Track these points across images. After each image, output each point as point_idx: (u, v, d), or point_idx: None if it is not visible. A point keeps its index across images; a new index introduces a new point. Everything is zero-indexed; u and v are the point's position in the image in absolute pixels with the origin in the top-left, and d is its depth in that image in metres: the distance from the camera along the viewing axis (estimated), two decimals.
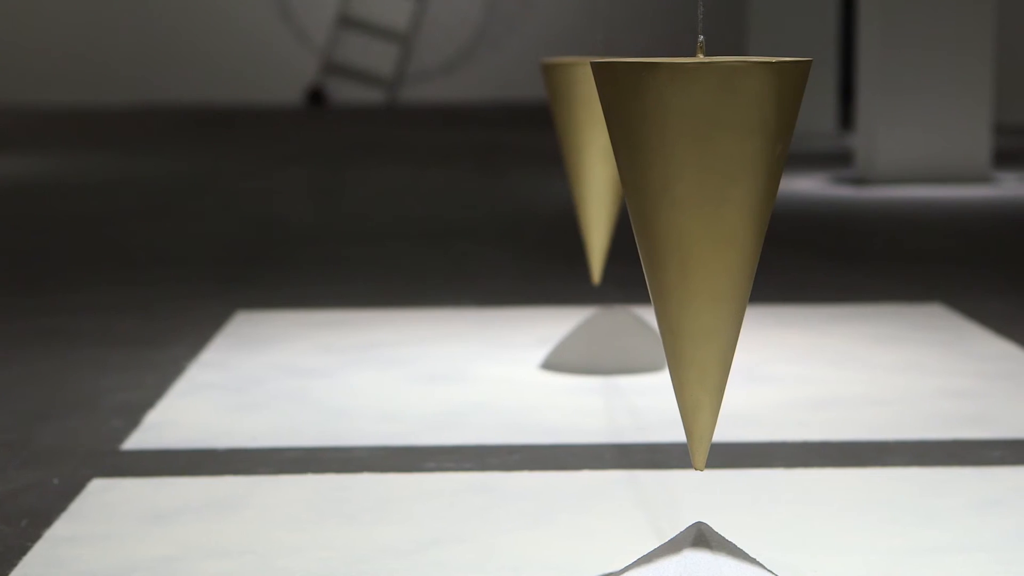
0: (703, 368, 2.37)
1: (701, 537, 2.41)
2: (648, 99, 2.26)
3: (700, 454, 2.42)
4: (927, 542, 2.79)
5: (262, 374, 4.19)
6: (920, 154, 8.98)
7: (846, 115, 13.58)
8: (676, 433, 3.55)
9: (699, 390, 2.38)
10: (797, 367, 4.23)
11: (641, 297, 5.06)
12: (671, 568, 2.38)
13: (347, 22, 18.51)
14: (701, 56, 2.34)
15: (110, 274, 6.05)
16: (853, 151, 10.03)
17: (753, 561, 2.42)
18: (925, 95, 8.97)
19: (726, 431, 3.57)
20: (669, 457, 3.37)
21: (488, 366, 4.27)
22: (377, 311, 5.14)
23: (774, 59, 2.25)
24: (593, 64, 2.34)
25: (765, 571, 2.41)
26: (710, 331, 2.35)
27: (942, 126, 8.98)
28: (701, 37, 2.38)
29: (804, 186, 8.98)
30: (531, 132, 13.48)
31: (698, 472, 2.49)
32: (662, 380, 4.07)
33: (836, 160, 10.39)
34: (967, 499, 3.05)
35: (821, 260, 6.27)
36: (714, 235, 2.30)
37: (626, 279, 5.45)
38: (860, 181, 9.07)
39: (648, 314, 4.71)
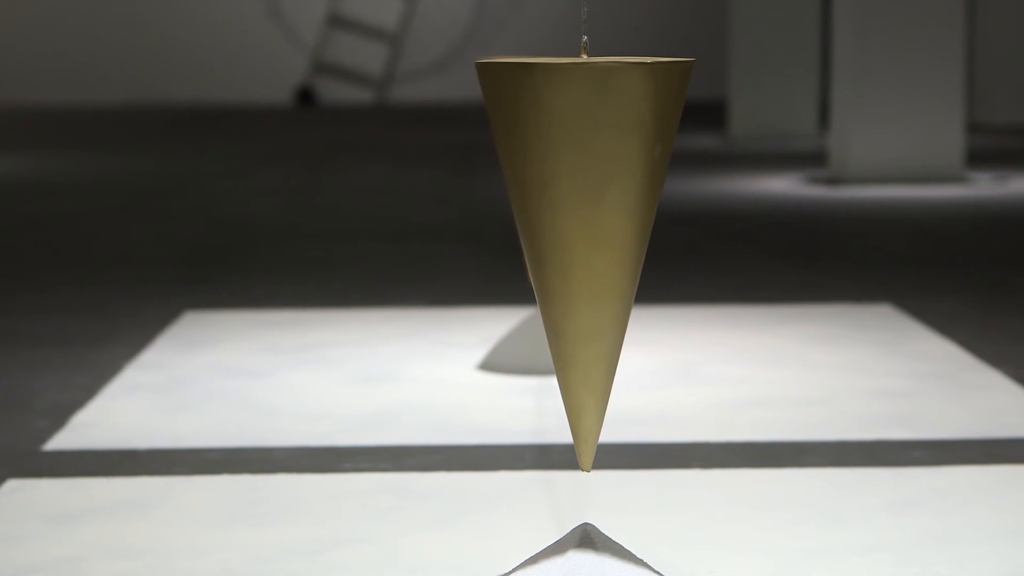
0: (587, 370, 2.36)
1: (587, 538, 2.41)
2: (524, 99, 2.25)
3: (586, 455, 2.42)
4: (832, 543, 2.79)
5: (198, 375, 4.19)
6: (893, 154, 8.98)
7: (827, 115, 13.56)
8: (602, 434, 3.53)
9: (583, 392, 2.38)
10: (734, 367, 4.23)
11: None
12: (555, 569, 2.38)
13: (337, 22, 18.51)
14: (584, 56, 2.34)
15: (69, 274, 6.05)
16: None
17: (639, 562, 2.41)
18: (898, 95, 8.97)
19: (649, 432, 3.57)
20: None
21: (426, 367, 4.27)
22: (327, 311, 5.14)
23: (650, 59, 2.24)
24: (476, 64, 2.34)
25: (651, 572, 2.41)
26: (592, 332, 2.34)
27: (915, 126, 8.97)
28: (584, 38, 2.38)
29: (777, 186, 8.98)
30: None
31: (585, 473, 2.48)
32: None
33: (813, 160, 10.38)
34: (880, 500, 3.04)
35: (778, 260, 6.27)
36: (593, 236, 2.29)
37: None
38: (833, 181, 9.07)
39: None
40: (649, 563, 2.63)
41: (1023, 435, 3.53)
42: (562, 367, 2.38)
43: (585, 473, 2.45)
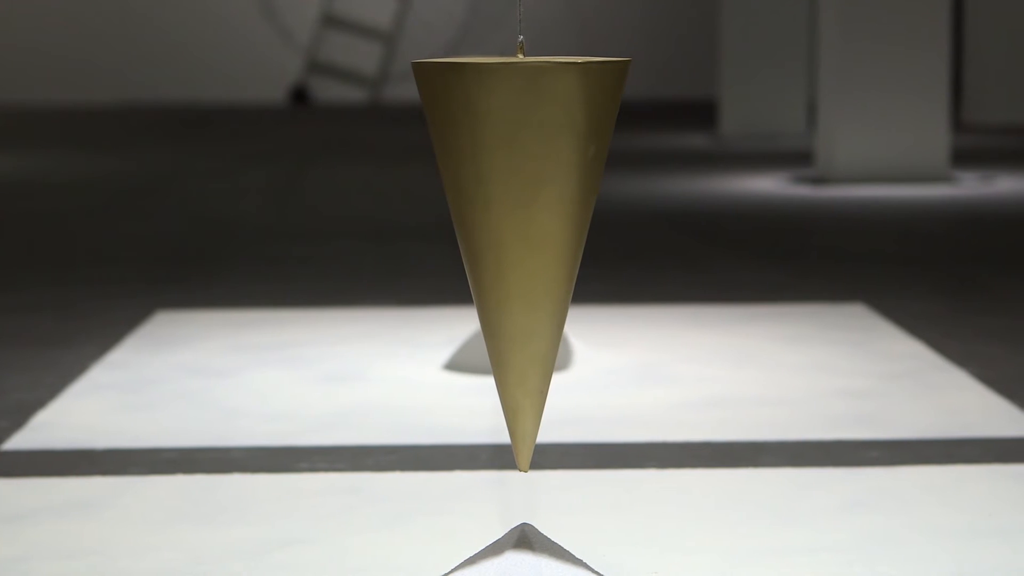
0: (522, 371, 2.36)
1: (524, 538, 2.41)
2: (457, 99, 2.25)
3: (523, 456, 2.42)
4: (779, 543, 2.78)
5: (163, 374, 4.18)
6: (879, 154, 8.98)
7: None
8: (557, 433, 3.54)
9: (519, 393, 2.37)
10: (699, 367, 4.22)
11: None
12: (491, 570, 2.37)
13: (331, 21, 18.51)
14: (521, 56, 2.34)
15: (45, 273, 6.05)
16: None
17: (577, 562, 2.41)
18: (884, 95, 8.96)
19: (607, 432, 3.57)
20: (544, 458, 3.36)
21: (392, 366, 4.27)
22: (299, 311, 5.14)
23: (581, 59, 2.24)
24: (412, 64, 2.34)
25: (588, 571, 2.41)
26: (528, 333, 2.34)
27: (901, 126, 8.97)
28: (521, 37, 2.38)
29: (763, 185, 8.97)
30: None
31: (523, 473, 2.48)
32: (564, 380, 4.06)
33: (801, 159, 10.37)
34: (832, 500, 3.04)
35: (756, 259, 6.26)
36: (527, 236, 2.29)
37: None
38: (819, 180, 9.06)
39: None
40: (592, 563, 2.64)
41: (981, 435, 3.52)
42: (498, 368, 2.38)
43: (523, 473, 2.45)
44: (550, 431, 3.57)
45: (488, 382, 4.05)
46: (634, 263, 6.21)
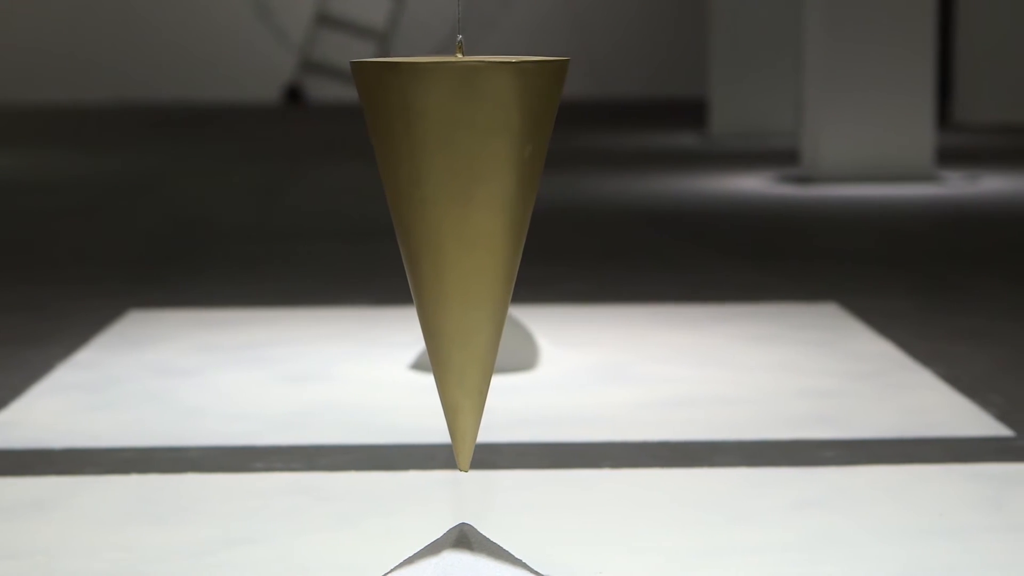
0: (461, 370, 2.36)
1: (463, 538, 2.40)
2: (393, 99, 2.25)
3: (463, 455, 2.42)
4: (727, 542, 2.78)
5: (129, 374, 4.18)
6: (864, 153, 8.97)
7: None
8: (515, 433, 3.54)
9: (458, 392, 2.37)
10: (665, 367, 4.22)
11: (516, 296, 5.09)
12: (429, 569, 2.37)
13: (325, 20, 18.51)
14: (459, 55, 2.34)
15: (21, 272, 6.05)
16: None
17: (515, 561, 2.41)
18: (869, 93, 8.95)
19: (567, 432, 3.56)
20: (501, 457, 3.36)
21: (358, 366, 4.26)
22: (271, 310, 5.13)
23: (516, 59, 2.24)
24: (351, 64, 2.33)
25: (527, 571, 2.40)
26: (466, 333, 2.34)
27: (886, 125, 8.96)
28: (460, 36, 2.37)
29: (748, 184, 8.97)
30: None
31: (463, 472, 2.49)
32: (528, 380, 4.06)
33: (789, 159, 10.36)
34: (784, 499, 3.04)
35: (736, 259, 6.26)
36: (464, 236, 2.29)
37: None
38: (805, 180, 9.06)
39: (518, 312, 4.72)
40: (538, 562, 2.64)
41: (940, 434, 3.52)
42: (437, 367, 2.37)
43: (464, 473, 2.45)
44: (508, 431, 3.57)
45: None
46: (613, 263, 6.21)
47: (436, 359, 2.37)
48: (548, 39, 18.05)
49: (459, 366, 2.36)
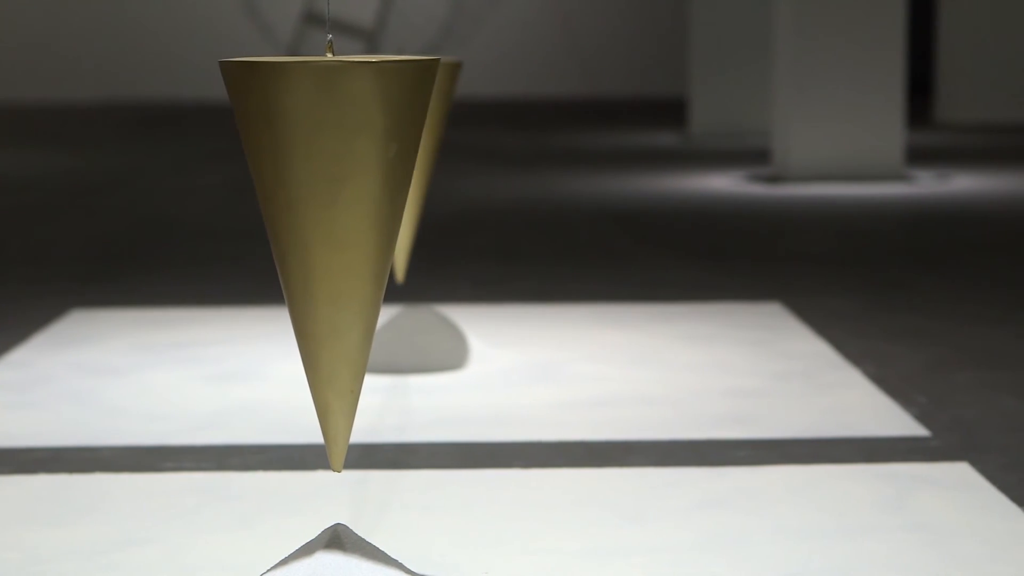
0: (331, 371, 2.36)
1: (336, 539, 2.40)
2: (256, 98, 2.25)
3: (336, 456, 2.41)
4: (622, 543, 2.78)
5: (57, 373, 4.18)
6: (834, 152, 8.96)
7: None
8: (431, 433, 3.53)
9: (328, 393, 2.37)
10: (596, 367, 4.21)
11: (441, 295, 5.10)
12: (302, 570, 2.37)
13: (312, 18, 18.50)
14: (329, 55, 2.33)
15: None
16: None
17: (390, 561, 2.41)
18: (839, 92, 8.95)
19: (483, 431, 3.56)
20: (413, 457, 3.36)
21: (289, 365, 4.25)
22: (215, 310, 5.13)
23: (376, 58, 2.23)
24: (219, 63, 2.33)
25: (401, 571, 2.40)
26: (336, 333, 2.34)
27: (856, 124, 8.95)
28: (329, 36, 2.37)
29: (718, 184, 8.96)
30: (491, 130, 13.45)
31: (336, 473, 2.48)
32: (454, 379, 4.06)
33: (764, 158, 10.36)
34: (688, 500, 3.03)
35: (691, 258, 6.25)
36: (330, 236, 2.28)
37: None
38: (774, 179, 9.05)
39: (455, 312, 4.72)
40: (424, 563, 2.63)
41: (856, 434, 3.51)
42: (308, 368, 2.37)
43: (336, 473, 2.44)
44: (425, 431, 3.57)
45: (379, 381, 4.04)
46: (565, 262, 6.20)
47: (306, 359, 2.37)
48: (536, 37, 18.04)
49: (328, 366, 2.36)
